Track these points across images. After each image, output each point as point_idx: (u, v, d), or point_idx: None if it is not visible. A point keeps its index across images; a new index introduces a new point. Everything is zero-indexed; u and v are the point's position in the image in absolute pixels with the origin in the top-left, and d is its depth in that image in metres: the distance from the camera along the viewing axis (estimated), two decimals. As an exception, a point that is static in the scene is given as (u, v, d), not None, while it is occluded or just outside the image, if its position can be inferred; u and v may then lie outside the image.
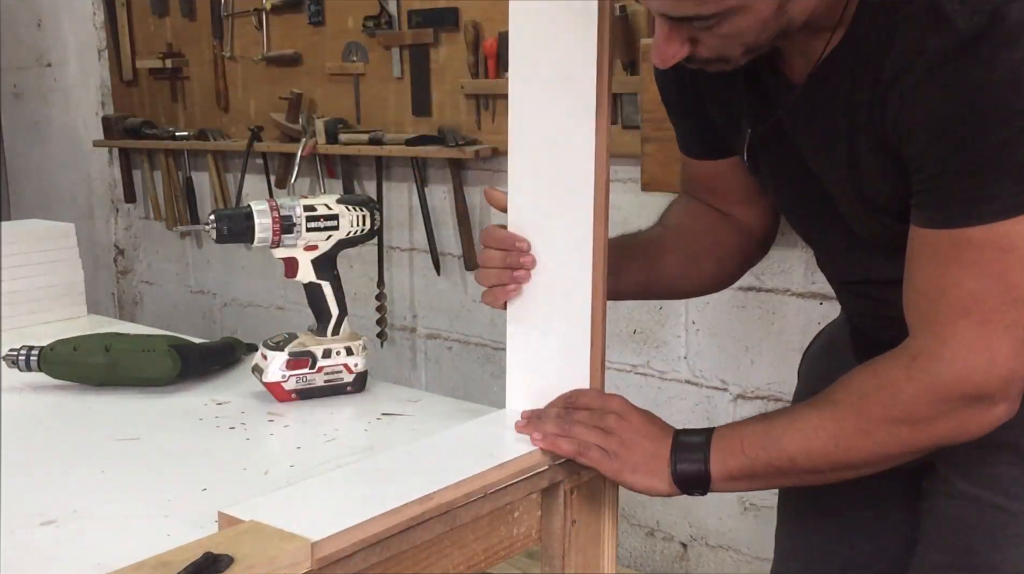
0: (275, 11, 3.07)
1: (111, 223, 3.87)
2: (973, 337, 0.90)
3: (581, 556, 1.08)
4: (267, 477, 1.03)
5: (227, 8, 3.21)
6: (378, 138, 2.78)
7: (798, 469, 0.98)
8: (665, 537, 2.51)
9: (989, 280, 0.89)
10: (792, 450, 0.97)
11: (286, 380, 1.24)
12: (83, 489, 1.00)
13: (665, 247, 1.24)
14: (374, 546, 0.85)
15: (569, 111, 1.03)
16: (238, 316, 3.47)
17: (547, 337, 1.10)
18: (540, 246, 1.09)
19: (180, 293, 3.68)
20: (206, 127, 3.33)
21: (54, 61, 3.86)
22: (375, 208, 1.29)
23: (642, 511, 2.53)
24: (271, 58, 3.09)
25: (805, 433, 0.97)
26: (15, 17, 3.94)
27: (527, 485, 1.00)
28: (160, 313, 3.74)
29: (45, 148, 3.99)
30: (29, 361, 1.32)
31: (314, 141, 2.92)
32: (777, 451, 0.98)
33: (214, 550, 0.76)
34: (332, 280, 1.27)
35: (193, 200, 3.46)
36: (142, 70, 3.55)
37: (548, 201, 1.07)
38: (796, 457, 0.97)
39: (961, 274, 0.90)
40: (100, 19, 3.68)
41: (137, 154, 3.62)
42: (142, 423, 1.20)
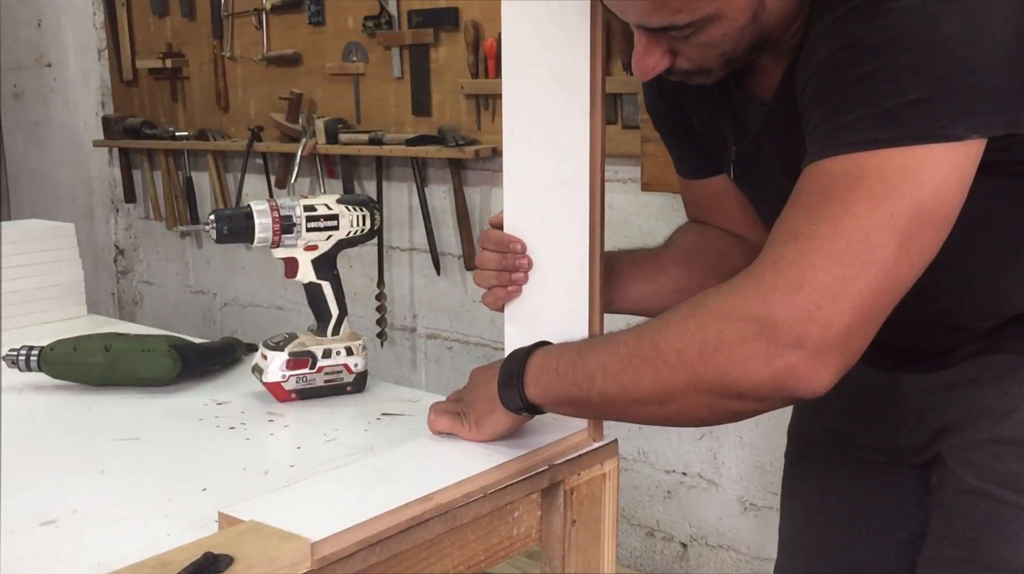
0: (275, 11, 3.07)
1: (111, 223, 3.87)
2: (790, 258, 0.82)
3: (581, 556, 1.09)
4: (267, 477, 1.03)
5: (227, 8, 3.21)
6: (378, 138, 2.78)
7: (596, 390, 0.91)
8: (665, 537, 2.51)
9: (829, 206, 0.81)
10: (593, 365, 0.91)
11: (286, 380, 1.24)
12: (83, 489, 1.00)
13: (669, 262, 1.22)
14: (374, 546, 0.85)
15: (563, 110, 1.03)
16: (238, 316, 3.47)
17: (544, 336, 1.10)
18: (536, 246, 1.09)
19: (180, 293, 3.68)
20: (206, 127, 3.33)
21: (54, 61, 3.86)
22: (375, 208, 1.29)
23: (642, 511, 2.53)
24: (271, 58, 3.09)
25: (610, 346, 0.91)
26: (15, 17, 3.94)
27: (527, 485, 1.00)
28: (160, 313, 3.74)
29: (45, 148, 3.99)
30: (29, 361, 1.32)
31: (314, 141, 2.92)
32: (583, 368, 0.92)
33: (214, 550, 0.76)
34: (332, 280, 1.27)
35: (193, 200, 3.47)
36: (142, 70, 3.56)
37: (544, 201, 1.07)
38: (595, 374, 0.91)
39: (807, 202, 0.84)
40: (100, 19, 3.68)
41: (137, 154, 3.62)
42: (142, 423, 1.21)
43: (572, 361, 0.94)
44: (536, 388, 0.96)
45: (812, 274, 0.80)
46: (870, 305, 0.81)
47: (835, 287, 0.80)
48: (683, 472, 2.45)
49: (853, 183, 0.81)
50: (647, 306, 1.21)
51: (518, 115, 1.07)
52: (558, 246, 1.07)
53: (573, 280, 1.07)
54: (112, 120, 3.60)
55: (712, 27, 0.90)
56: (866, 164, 0.82)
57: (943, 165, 0.81)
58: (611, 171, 2.26)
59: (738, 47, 0.93)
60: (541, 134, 1.05)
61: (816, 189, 0.84)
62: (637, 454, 2.51)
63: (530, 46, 1.04)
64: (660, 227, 2.29)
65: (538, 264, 1.09)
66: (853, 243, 0.80)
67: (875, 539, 1.24)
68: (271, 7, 3.06)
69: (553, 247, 1.08)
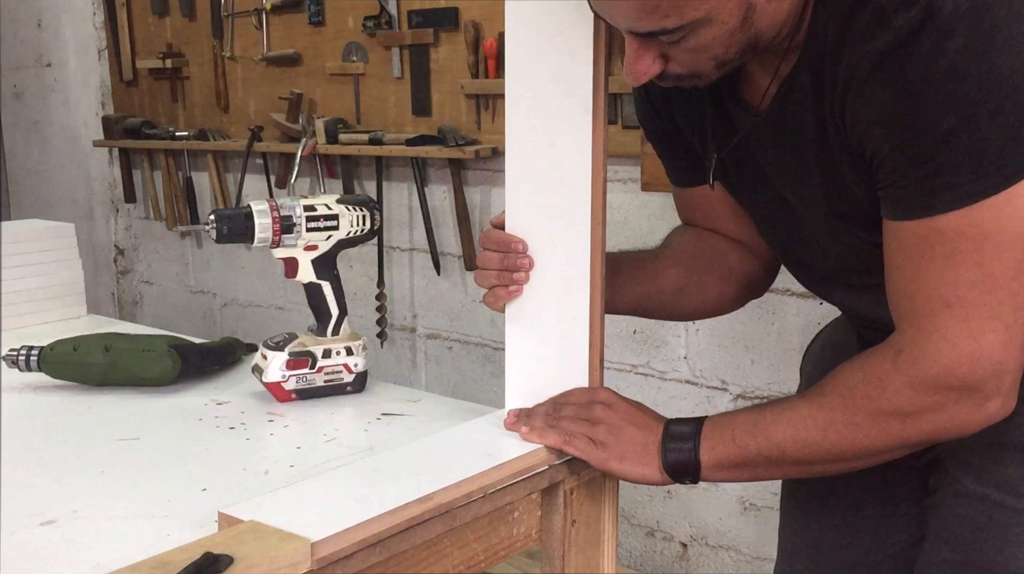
0: (275, 11, 3.07)
1: (111, 223, 3.87)
2: (956, 329, 0.90)
3: (581, 556, 1.09)
4: (267, 477, 1.03)
5: (227, 8, 3.21)
6: (378, 138, 2.78)
7: (787, 459, 0.98)
8: (665, 537, 2.51)
9: (966, 270, 0.88)
10: (781, 440, 0.97)
11: (286, 380, 1.24)
12: (83, 489, 1.00)
13: (667, 263, 1.23)
14: (374, 546, 0.85)
15: (566, 111, 1.03)
16: (238, 316, 3.47)
17: (546, 337, 1.10)
18: (538, 246, 1.09)
19: (180, 293, 3.68)
20: (206, 127, 3.33)
21: (54, 61, 3.86)
22: (375, 208, 1.29)
23: (642, 511, 2.53)
24: (271, 58, 3.09)
25: (794, 423, 0.97)
26: (15, 17, 3.94)
27: (527, 485, 1.00)
28: (160, 313, 3.74)
29: (45, 148, 3.99)
30: (29, 361, 1.32)
31: (314, 141, 2.92)
32: (767, 441, 0.98)
33: (214, 550, 0.76)
34: (332, 280, 1.27)
35: (193, 200, 3.46)
36: (142, 70, 3.56)
37: (546, 201, 1.07)
38: (785, 447, 0.97)
39: (936, 267, 0.90)
40: (100, 19, 3.68)
41: (137, 154, 3.62)
42: (142, 423, 1.21)
43: (749, 434, 0.99)
44: (711, 457, 1.00)
45: (984, 338, 0.89)
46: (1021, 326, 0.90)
47: (1008, 341, 0.89)
48: (683, 472, 2.45)
49: (978, 241, 0.87)
50: (647, 306, 1.22)
51: (520, 115, 1.07)
52: (559, 246, 1.07)
53: (575, 280, 1.07)
54: (112, 120, 3.59)
55: (702, 31, 0.90)
56: (980, 218, 0.87)
57: None
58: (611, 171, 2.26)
59: (730, 51, 0.93)
60: (543, 134, 1.06)
61: (939, 252, 0.89)
62: (637, 454, 2.51)
63: (533, 47, 1.04)
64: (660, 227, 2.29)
65: (539, 264, 1.09)
66: (1004, 300, 0.88)
67: (873, 542, 1.24)
68: (271, 7, 3.06)
69: (554, 247, 1.08)
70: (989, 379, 0.90)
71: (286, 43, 3.07)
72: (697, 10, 0.88)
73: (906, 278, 0.93)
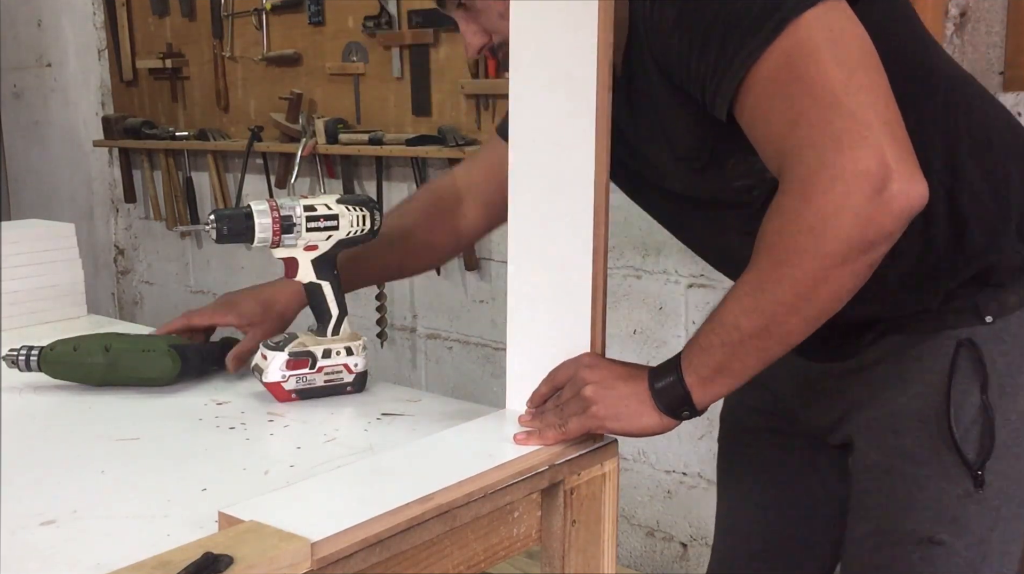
0: (275, 11, 3.07)
1: (111, 223, 3.87)
2: (818, 142, 0.90)
3: (581, 556, 1.09)
4: (267, 477, 1.03)
5: (227, 8, 3.21)
6: (378, 138, 2.78)
7: (746, 334, 0.96)
8: (665, 537, 2.51)
9: (798, 101, 0.91)
10: (731, 318, 0.97)
11: (286, 380, 1.24)
12: (83, 489, 1.00)
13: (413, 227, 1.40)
14: (374, 546, 0.85)
15: (569, 111, 1.04)
16: (238, 316, 3.47)
17: (547, 337, 1.10)
18: (540, 246, 1.09)
19: (180, 293, 3.68)
20: (206, 127, 3.33)
21: (54, 61, 3.86)
22: (375, 208, 1.29)
23: (642, 511, 2.53)
24: (271, 58, 3.09)
25: (736, 298, 0.97)
26: (15, 17, 3.94)
27: (527, 485, 1.00)
28: (160, 313, 3.74)
29: (45, 148, 3.99)
30: (29, 361, 1.32)
31: (314, 141, 2.92)
32: (721, 326, 0.97)
33: (214, 550, 0.76)
34: (332, 280, 1.27)
35: (193, 200, 3.47)
36: (142, 70, 3.56)
37: (548, 201, 1.07)
38: (739, 323, 0.96)
39: (776, 113, 0.93)
40: (100, 19, 3.69)
41: (137, 154, 3.62)
42: (142, 423, 1.21)
43: (709, 331, 0.99)
44: (693, 375, 1.00)
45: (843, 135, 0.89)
46: (884, 108, 0.90)
47: (861, 123, 0.89)
48: (683, 472, 2.45)
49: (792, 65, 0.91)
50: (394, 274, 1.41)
51: (524, 114, 1.07)
52: (561, 246, 1.07)
53: (576, 280, 1.07)
54: (112, 120, 3.60)
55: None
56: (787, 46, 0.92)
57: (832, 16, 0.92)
58: (611, 171, 2.26)
59: None
60: (547, 133, 1.06)
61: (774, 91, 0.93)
62: (637, 454, 2.51)
63: (537, 47, 1.05)
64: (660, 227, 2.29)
65: (541, 264, 1.09)
66: (837, 93, 0.89)
67: (802, 518, 1.30)
68: (271, 7, 3.07)
69: (556, 247, 1.08)
70: (867, 159, 0.88)
71: (286, 43, 3.07)
72: None
73: (764, 127, 0.95)
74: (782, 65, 0.92)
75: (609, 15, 1.01)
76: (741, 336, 0.96)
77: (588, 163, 1.04)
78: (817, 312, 0.95)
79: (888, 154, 0.88)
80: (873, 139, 0.88)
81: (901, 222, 0.90)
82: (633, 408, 1.03)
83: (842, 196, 0.88)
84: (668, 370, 1.02)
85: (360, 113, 2.92)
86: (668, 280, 2.37)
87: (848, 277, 0.92)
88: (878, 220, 0.89)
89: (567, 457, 1.04)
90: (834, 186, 0.88)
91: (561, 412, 1.05)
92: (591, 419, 1.03)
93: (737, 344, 0.97)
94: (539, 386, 1.10)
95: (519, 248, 1.11)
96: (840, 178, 0.88)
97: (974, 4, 1.86)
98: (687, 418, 1.03)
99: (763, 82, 0.93)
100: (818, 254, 0.90)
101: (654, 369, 1.04)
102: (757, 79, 0.94)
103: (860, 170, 0.88)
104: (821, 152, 0.89)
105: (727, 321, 0.97)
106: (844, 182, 0.88)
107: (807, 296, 0.93)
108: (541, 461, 1.01)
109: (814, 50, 0.91)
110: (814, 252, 0.90)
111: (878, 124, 0.89)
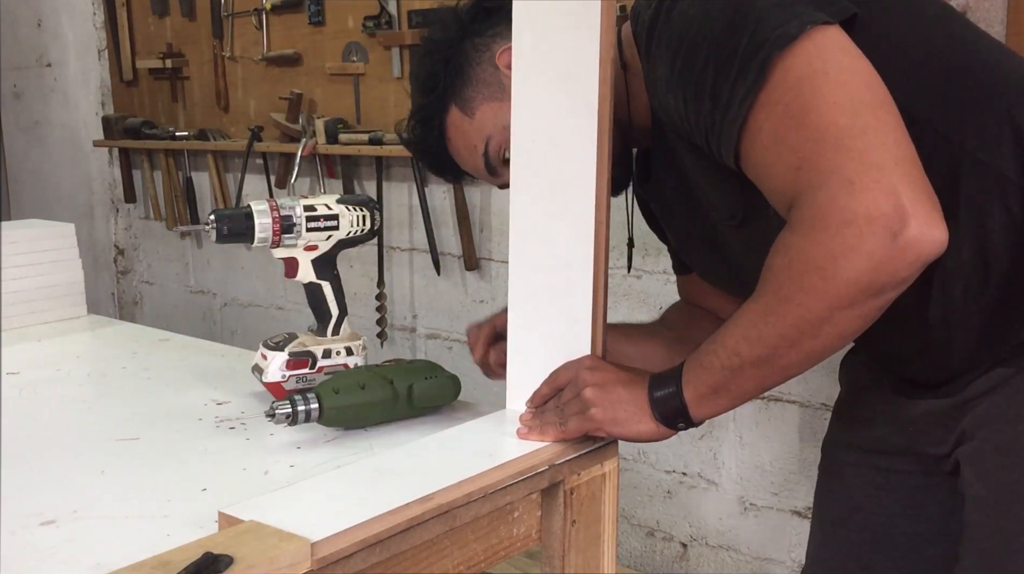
0: (275, 11, 3.07)
1: (111, 223, 3.87)
2: (827, 180, 0.88)
3: (581, 556, 1.08)
4: (267, 477, 1.03)
5: (227, 8, 3.21)
6: (378, 138, 2.78)
7: (746, 362, 0.95)
8: (665, 537, 2.51)
9: (801, 147, 0.89)
10: (733, 343, 0.96)
11: (286, 380, 1.24)
12: (83, 489, 1.00)
13: (657, 333, 1.34)
14: (374, 546, 0.85)
15: (571, 111, 1.04)
16: (238, 316, 3.48)
17: (547, 337, 1.10)
18: (541, 246, 1.09)
19: (180, 293, 3.68)
20: (206, 127, 3.33)
21: (54, 61, 3.86)
22: (375, 208, 1.29)
23: (642, 511, 2.53)
24: (271, 58, 3.09)
25: (740, 324, 0.96)
26: (15, 17, 3.94)
27: (527, 485, 1.00)
28: (160, 313, 3.74)
29: (45, 148, 3.99)
30: (309, 413, 1.11)
31: (314, 141, 2.92)
32: (723, 349, 0.97)
33: (214, 550, 0.76)
34: (332, 280, 1.27)
35: (193, 200, 3.46)
36: (142, 70, 3.55)
37: (549, 202, 1.07)
38: (739, 349, 0.95)
39: (776, 158, 0.91)
40: (100, 19, 3.68)
41: (137, 154, 3.62)
42: (142, 423, 1.21)
43: (710, 351, 0.98)
44: (692, 390, 0.99)
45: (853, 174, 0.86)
46: (895, 147, 0.87)
47: (872, 166, 0.86)
48: (683, 472, 2.45)
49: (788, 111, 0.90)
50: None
51: (526, 115, 1.07)
52: (562, 246, 1.07)
53: (577, 280, 1.07)
54: (112, 120, 3.59)
55: None
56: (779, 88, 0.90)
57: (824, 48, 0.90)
58: (611, 171, 2.26)
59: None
60: (548, 134, 1.06)
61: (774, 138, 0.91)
62: (637, 454, 2.51)
63: (538, 47, 1.05)
64: (660, 227, 2.29)
65: (542, 264, 1.09)
66: (842, 136, 0.87)
67: (901, 558, 1.23)
68: (271, 7, 3.06)
69: (557, 247, 1.08)
70: (881, 202, 0.85)
71: (286, 43, 3.07)
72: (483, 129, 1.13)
73: (769, 178, 0.94)
74: (779, 112, 0.90)
75: (611, 14, 1.01)
76: (741, 362, 0.96)
77: (589, 163, 1.04)
78: (820, 350, 0.93)
79: (904, 196, 0.85)
80: (886, 182, 0.85)
81: (915, 268, 0.87)
82: (631, 413, 1.03)
83: (855, 239, 0.86)
84: (668, 381, 1.02)
85: (360, 113, 2.92)
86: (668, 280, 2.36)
87: (854, 319, 0.90)
88: (891, 266, 0.86)
89: (567, 457, 1.04)
90: (847, 228, 0.86)
91: (561, 412, 1.05)
92: (589, 421, 1.03)
93: (736, 369, 0.96)
94: (540, 387, 1.10)
95: (519, 248, 1.11)
96: (853, 222, 0.85)
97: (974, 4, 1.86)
98: (683, 429, 1.03)
99: (761, 130, 0.92)
100: (826, 295, 0.88)
101: (655, 377, 1.04)
102: (755, 127, 0.92)
103: (874, 214, 0.85)
104: (832, 194, 0.87)
105: (728, 345, 0.97)
106: (856, 226, 0.85)
107: (811, 334, 0.91)
108: (541, 461, 1.01)
109: (810, 92, 0.89)
110: (822, 293, 0.88)
111: (890, 165, 0.86)
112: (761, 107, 0.91)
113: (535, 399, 1.10)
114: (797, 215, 0.90)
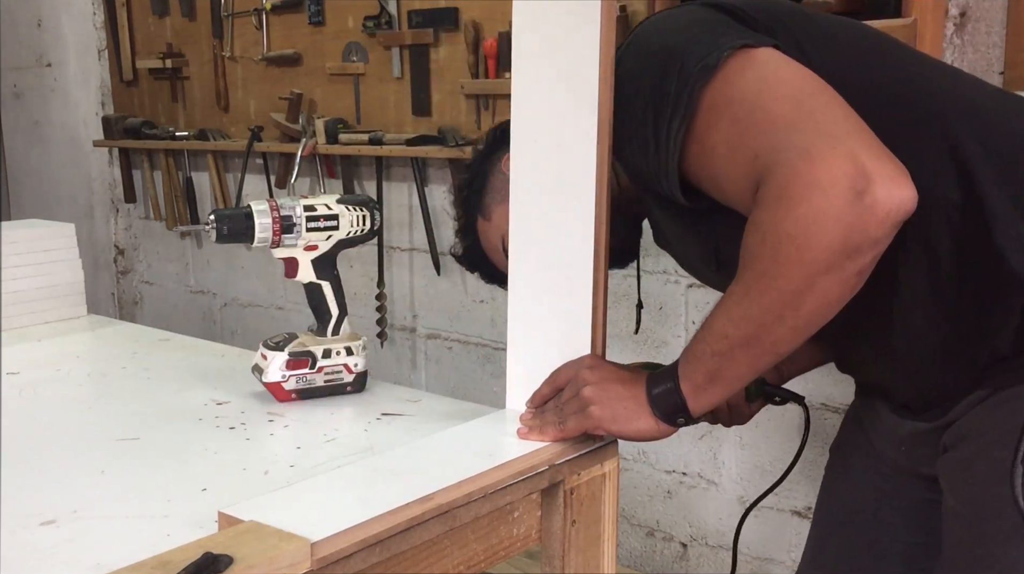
0: (275, 11, 3.07)
1: (111, 223, 3.87)
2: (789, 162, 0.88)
3: (581, 556, 1.08)
4: (267, 477, 1.03)
5: (227, 8, 3.21)
6: (378, 138, 2.78)
7: (735, 342, 0.96)
8: (665, 537, 2.51)
9: (751, 140, 0.92)
10: (720, 326, 0.97)
11: (286, 380, 1.24)
12: (83, 489, 1.00)
13: None
14: (374, 546, 0.85)
15: (571, 110, 1.03)
16: (238, 316, 3.48)
17: (547, 337, 1.10)
18: (541, 246, 1.09)
19: (180, 293, 3.68)
20: (206, 127, 3.33)
21: (54, 61, 3.86)
22: (375, 208, 1.29)
23: (642, 511, 2.53)
24: (271, 58, 3.09)
25: (723, 307, 0.97)
26: (15, 17, 3.94)
27: (527, 485, 1.00)
28: (160, 313, 3.74)
29: (45, 148, 3.99)
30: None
31: (314, 141, 2.92)
32: (712, 335, 0.98)
33: (214, 550, 0.76)
34: (332, 280, 1.27)
35: (193, 200, 3.47)
36: (142, 70, 3.56)
37: (549, 201, 1.07)
38: (726, 331, 0.96)
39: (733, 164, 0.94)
40: (100, 19, 3.68)
41: (137, 154, 3.62)
42: (142, 423, 1.21)
43: (700, 340, 0.99)
44: (688, 382, 1.00)
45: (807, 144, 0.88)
46: (844, 120, 0.90)
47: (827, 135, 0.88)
48: (683, 472, 2.45)
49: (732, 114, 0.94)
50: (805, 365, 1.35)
51: (526, 113, 1.07)
52: (563, 245, 1.07)
53: (577, 280, 1.07)
54: (112, 120, 3.60)
55: None
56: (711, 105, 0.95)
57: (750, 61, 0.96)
58: (611, 171, 2.26)
59: None
60: (549, 132, 1.06)
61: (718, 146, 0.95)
62: (637, 454, 2.51)
63: (539, 46, 1.05)
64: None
65: (542, 263, 1.09)
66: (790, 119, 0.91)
67: (897, 566, 1.24)
68: (271, 7, 3.06)
69: (557, 246, 1.08)
70: (842, 165, 0.86)
71: (286, 43, 3.07)
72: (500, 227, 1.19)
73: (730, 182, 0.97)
74: (726, 125, 0.94)
75: (612, 13, 1.01)
76: (730, 345, 0.96)
77: (589, 162, 1.04)
78: (805, 321, 0.93)
79: (863, 157, 0.86)
80: (843, 147, 0.86)
81: (887, 227, 0.87)
82: (631, 411, 1.03)
83: (821, 203, 0.86)
84: (665, 377, 1.02)
85: (360, 113, 2.92)
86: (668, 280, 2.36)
87: (835, 284, 0.90)
88: (861, 225, 0.86)
89: (567, 457, 1.04)
90: (811, 194, 0.86)
91: (561, 411, 1.05)
92: (588, 419, 1.03)
93: (727, 352, 0.97)
94: (540, 387, 1.10)
95: (519, 248, 1.11)
96: (816, 186, 0.86)
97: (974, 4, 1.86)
98: (683, 425, 1.03)
99: (715, 148, 0.95)
100: (802, 263, 0.89)
101: (652, 375, 1.04)
102: (703, 149, 0.96)
103: (837, 176, 0.85)
104: (792, 166, 0.88)
105: (716, 329, 0.97)
106: (821, 189, 0.86)
107: (793, 305, 0.91)
108: (541, 461, 1.01)
109: (754, 96, 0.92)
110: (797, 262, 0.89)
111: (844, 135, 0.87)
112: (705, 130, 0.95)
113: (535, 399, 1.10)
114: (762, 193, 0.91)
